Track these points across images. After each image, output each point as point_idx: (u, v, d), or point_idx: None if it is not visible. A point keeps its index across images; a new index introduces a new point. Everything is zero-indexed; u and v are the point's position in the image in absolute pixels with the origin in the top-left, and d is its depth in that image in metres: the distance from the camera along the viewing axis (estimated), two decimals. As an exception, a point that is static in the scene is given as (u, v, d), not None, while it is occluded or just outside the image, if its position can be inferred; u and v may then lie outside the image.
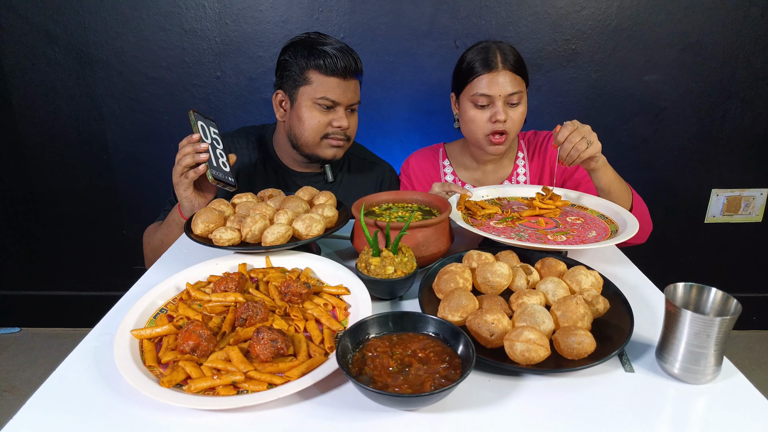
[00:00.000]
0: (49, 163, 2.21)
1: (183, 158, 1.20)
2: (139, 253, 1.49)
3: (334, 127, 1.42)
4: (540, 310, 0.78)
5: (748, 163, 2.22)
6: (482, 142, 1.48)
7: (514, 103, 1.43)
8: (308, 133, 1.42)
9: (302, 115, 1.41)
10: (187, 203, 1.25)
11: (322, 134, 1.42)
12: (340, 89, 1.39)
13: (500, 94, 1.41)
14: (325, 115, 1.41)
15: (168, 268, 1.07)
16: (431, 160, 1.66)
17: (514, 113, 1.44)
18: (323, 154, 1.46)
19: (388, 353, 0.71)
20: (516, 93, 1.42)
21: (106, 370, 0.74)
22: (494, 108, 1.42)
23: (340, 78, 1.38)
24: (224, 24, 1.99)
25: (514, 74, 1.42)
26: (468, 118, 1.47)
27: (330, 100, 1.39)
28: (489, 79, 1.41)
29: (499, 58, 1.41)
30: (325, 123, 1.41)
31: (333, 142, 1.44)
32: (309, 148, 1.45)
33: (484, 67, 1.41)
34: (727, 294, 0.73)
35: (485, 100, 1.43)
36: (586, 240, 1.07)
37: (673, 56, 2.04)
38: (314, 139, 1.43)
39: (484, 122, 1.45)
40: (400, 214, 1.13)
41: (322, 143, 1.44)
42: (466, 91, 1.46)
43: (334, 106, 1.41)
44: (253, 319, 0.80)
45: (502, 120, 1.42)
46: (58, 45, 2.01)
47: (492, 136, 1.45)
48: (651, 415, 0.67)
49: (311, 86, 1.39)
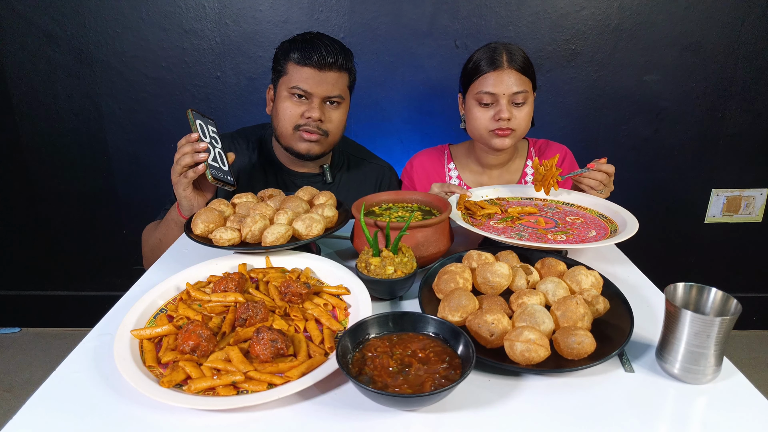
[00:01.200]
0: (49, 163, 2.21)
1: (182, 158, 1.19)
2: (139, 253, 1.49)
3: (305, 118, 1.40)
4: (540, 310, 0.78)
5: (748, 163, 2.22)
6: (486, 137, 1.47)
7: (519, 102, 1.43)
8: (282, 123, 1.42)
9: (278, 106, 1.42)
10: (186, 202, 1.25)
11: (294, 125, 1.41)
12: (313, 80, 1.37)
13: (504, 93, 1.40)
14: (297, 106, 1.40)
15: (168, 268, 1.07)
16: (435, 163, 1.65)
17: (518, 113, 1.43)
18: (297, 148, 1.44)
19: (388, 353, 0.71)
20: (521, 92, 1.41)
21: (106, 370, 0.74)
22: (498, 106, 1.42)
23: (314, 69, 1.36)
24: (224, 24, 1.99)
25: (519, 74, 1.41)
26: (472, 116, 1.47)
27: (301, 89, 1.37)
28: (494, 78, 1.41)
29: (505, 57, 1.41)
30: (297, 114, 1.40)
31: (305, 134, 1.41)
32: (285, 139, 1.45)
33: (489, 66, 1.41)
34: (727, 294, 0.73)
35: (490, 98, 1.42)
36: (585, 239, 1.07)
37: (673, 56, 2.04)
38: (287, 130, 1.42)
39: (488, 120, 1.44)
40: (400, 214, 1.13)
41: (295, 135, 1.42)
42: (472, 89, 1.46)
43: (308, 97, 1.39)
44: (253, 319, 0.80)
45: (506, 118, 1.41)
46: (58, 45, 2.02)
47: (496, 130, 1.44)
48: (651, 415, 0.67)
49: (287, 76, 1.39)
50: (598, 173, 1.31)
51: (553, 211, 1.28)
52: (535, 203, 1.33)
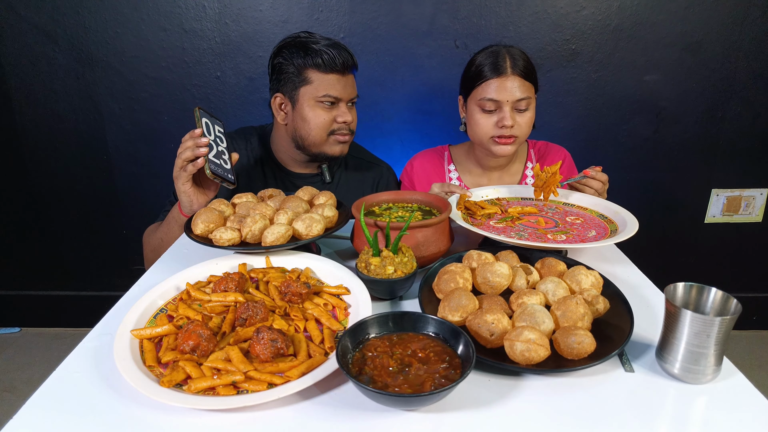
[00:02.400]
0: (49, 163, 2.21)
1: (183, 152, 1.20)
2: (139, 253, 1.49)
3: (339, 122, 1.44)
4: (540, 310, 0.78)
5: (748, 163, 2.22)
6: (487, 143, 1.46)
7: (522, 109, 1.42)
8: (315, 131, 1.43)
9: (306, 115, 1.42)
10: (185, 198, 1.25)
11: (328, 131, 1.44)
12: (340, 85, 1.41)
13: (508, 100, 1.39)
14: (328, 113, 1.42)
15: (168, 268, 1.07)
16: (435, 164, 1.64)
17: (521, 119, 1.42)
18: (331, 151, 1.48)
19: (388, 353, 0.71)
20: (524, 99, 1.40)
21: (106, 370, 0.74)
22: (501, 113, 1.41)
23: (339, 74, 1.40)
24: (224, 24, 1.99)
25: (523, 80, 1.40)
26: (474, 121, 1.46)
27: (332, 96, 1.40)
28: (497, 84, 1.39)
29: (509, 63, 1.39)
30: (330, 120, 1.43)
31: (339, 137, 1.46)
32: (317, 147, 1.46)
33: (492, 72, 1.40)
34: (727, 294, 0.73)
35: (493, 105, 1.41)
36: (586, 239, 1.07)
37: (673, 56, 2.04)
38: (321, 138, 1.44)
39: (490, 127, 1.43)
40: (400, 214, 1.13)
41: (329, 140, 1.46)
42: (474, 95, 1.44)
43: (336, 103, 1.42)
44: (253, 319, 0.80)
45: (509, 125, 1.40)
46: (58, 45, 2.01)
47: (498, 137, 1.44)
48: (651, 415, 0.67)
49: (312, 85, 1.39)
50: (594, 182, 1.33)
51: (553, 211, 1.28)
52: (535, 203, 1.33)
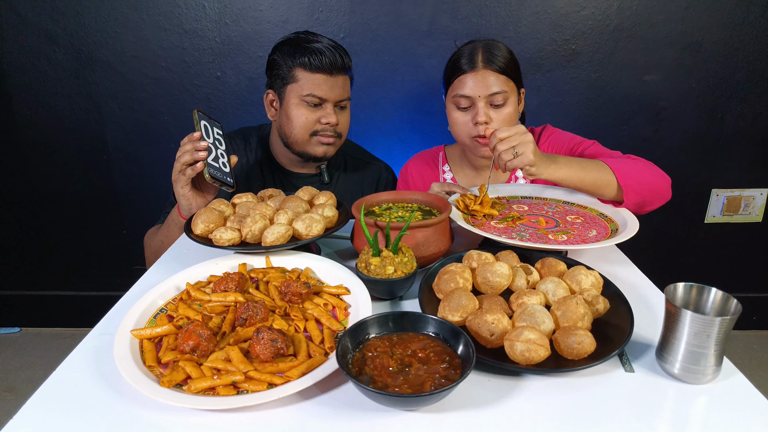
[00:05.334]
0: (49, 163, 2.21)
1: (182, 155, 1.20)
2: (139, 253, 1.49)
3: (323, 124, 1.41)
4: (540, 310, 0.78)
5: (748, 163, 2.22)
6: (470, 144, 1.42)
7: (497, 104, 1.35)
8: (297, 130, 1.42)
9: (290, 113, 1.41)
10: (184, 201, 1.25)
11: (311, 131, 1.42)
12: (326, 85, 1.38)
13: (480, 95, 1.34)
14: (312, 113, 1.41)
15: (168, 268, 1.07)
16: (431, 165, 1.63)
17: (497, 114, 1.36)
18: (313, 152, 1.46)
19: (388, 353, 0.71)
20: (499, 93, 1.33)
21: (106, 370, 0.74)
22: (475, 109, 1.36)
23: (326, 74, 1.37)
24: (224, 24, 1.99)
25: (497, 74, 1.34)
26: (453, 120, 1.42)
27: (317, 96, 1.38)
28: (468, 79, 1.35)
29: (480, 57, 1.34)
30: (313, 120, 1.41)
31: (323, 139, 1.43)
32: (299, 146, 1.45)
33: (464, 67, 1.36)
34: (727, 294, 0.73)
35: (466, 101, 1.36)
36: (586, 239, 1.07)
37: (673, 56, 2.04)
38: (303, 137, 1.43)
39: (466, 125, 1.39)
40: (400, 214, 1.13)
41: (312, 141, 1.44)
42: (449, 92, 1.41)
43: (321, 103, 1.40)
44: (253, 319, 0.80)
45: (483, 122, 1.35)
46: (58, 45, 2.01)
47: (480, 138, 1.39)
48: (651, 415, 0.67)
49: (298, 84, 1.39)
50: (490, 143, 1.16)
51: (554, 210, 1.28)
52: (535, 202, 1.33)
